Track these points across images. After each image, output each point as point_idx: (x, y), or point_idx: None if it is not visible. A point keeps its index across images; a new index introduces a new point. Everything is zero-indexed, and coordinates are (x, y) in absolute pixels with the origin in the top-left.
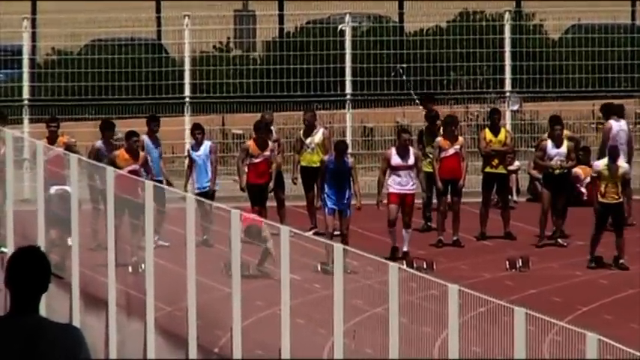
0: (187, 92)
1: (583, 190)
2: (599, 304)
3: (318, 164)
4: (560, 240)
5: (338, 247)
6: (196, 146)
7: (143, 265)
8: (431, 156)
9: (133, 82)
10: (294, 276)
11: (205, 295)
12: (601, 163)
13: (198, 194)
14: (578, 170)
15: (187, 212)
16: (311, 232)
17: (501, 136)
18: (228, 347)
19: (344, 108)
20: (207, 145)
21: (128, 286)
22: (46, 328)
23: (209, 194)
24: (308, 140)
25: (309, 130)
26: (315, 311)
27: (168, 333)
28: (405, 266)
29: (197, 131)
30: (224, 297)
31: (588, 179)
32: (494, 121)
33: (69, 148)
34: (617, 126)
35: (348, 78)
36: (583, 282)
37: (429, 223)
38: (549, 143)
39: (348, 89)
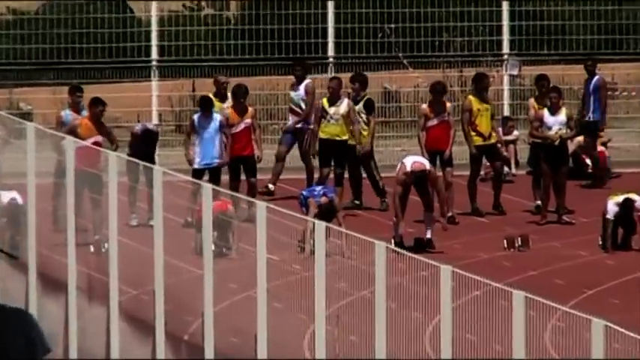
0: (154, 55)
1: (588, 161)
2: (605, 287)
3: (342, 137)
4: (565, 217)
5: (320, 224)
6: (204, 119)
7: (106, 245)
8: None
9: (95, 44)
10: (271, 256)
11: (174, 277)
12: None
13: (202, 170)
14: (583, 140)
15: (154, 186)
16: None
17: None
18: (199, 334)
19: (326, 72)
20: (217, 118)
21: (90, 268)
22: None
23: (217, 170)
24: (332, 110)
25: (334, 99)
26: (294, 295)
27: (134, 318)
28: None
29: (206, 111)
30: (195, 279)
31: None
32: (482, 87)
33: None
34: None
35: (331, 39)
36: (588, 263)
37: (356, 201)
38: (546, 111)
39: (331, 52)
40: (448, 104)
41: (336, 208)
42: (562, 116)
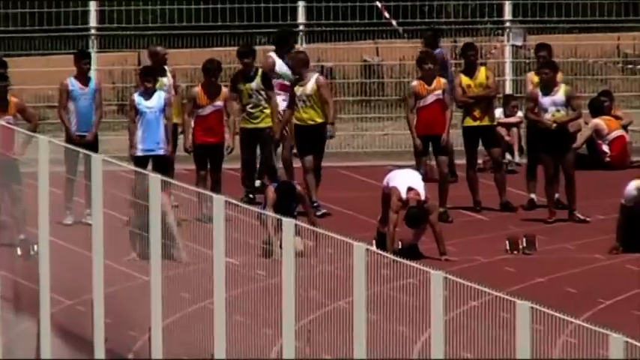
0: (93, 22)
1: (605, 148)
2: (626, 296)
3: (314, 122)
4: (577, 213)
5: (288, 222)
6: (146, 95)
7: (36, 247)
8: (252, 109)
9: (23, 9)
10: (230, 260)
11: (116, 284)
12: None
13: (144, 158)
14: (599, 122)
15: (93, 176)
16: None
17: (481, 77)
18: (145, 352)
19: (296, 42)
20: (161, 95)
21: (16, 274)
22: None
23: (165, 159)
24: (299, 92)
25: (299, 78)
26: (258, 306)
27: (69, 333)
28: None
29: (149, 77)
30: (140, 287)
31: (614, 134)
32: (468, 60)
33: None
34: None
35: (302, 3)
36: (605, 268)
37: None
38: (539, 91)
39: (301, 18)
40: (442, 80)
41: (302, 195)
42: (559, 96)
